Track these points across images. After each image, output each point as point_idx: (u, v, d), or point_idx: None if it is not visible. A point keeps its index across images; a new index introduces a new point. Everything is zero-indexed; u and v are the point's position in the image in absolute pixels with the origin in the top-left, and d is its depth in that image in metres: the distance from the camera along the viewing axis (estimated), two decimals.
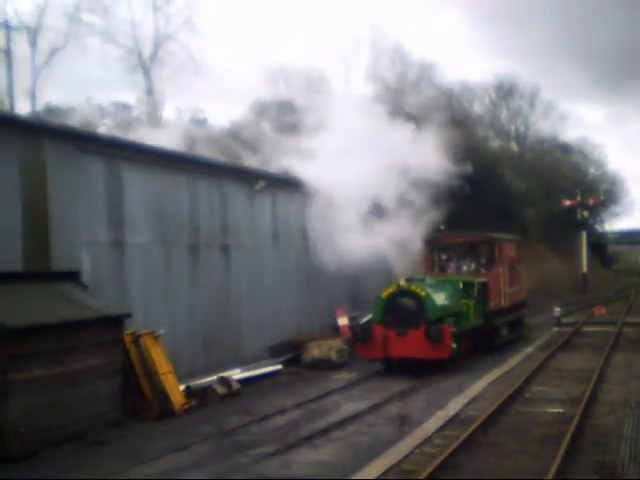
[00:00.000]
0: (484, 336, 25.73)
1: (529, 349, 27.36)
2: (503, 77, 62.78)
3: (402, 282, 22.65)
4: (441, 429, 15.31)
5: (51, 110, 43.56)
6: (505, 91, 63.92)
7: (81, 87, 70.21)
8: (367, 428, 15.72)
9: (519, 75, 69.86)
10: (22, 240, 15.35)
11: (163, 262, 19.76)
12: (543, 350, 26.64)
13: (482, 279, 25.84)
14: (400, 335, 21.73)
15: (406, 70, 47.56)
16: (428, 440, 14.45)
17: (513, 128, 66.78)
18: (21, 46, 45.59)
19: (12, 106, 43.55)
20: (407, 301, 22.21)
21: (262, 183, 24.26)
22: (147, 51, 47.88)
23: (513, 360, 24.61)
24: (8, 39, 45.87)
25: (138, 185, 18.74)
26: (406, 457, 13.31)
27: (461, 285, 24.84)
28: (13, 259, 15.16)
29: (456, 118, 52.23)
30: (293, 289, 26.18)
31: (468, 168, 30.85)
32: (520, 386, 19.29)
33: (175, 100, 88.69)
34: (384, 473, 12.30)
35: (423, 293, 22.21)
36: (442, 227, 28.75)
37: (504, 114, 65.90)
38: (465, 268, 27.24)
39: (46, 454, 14.09)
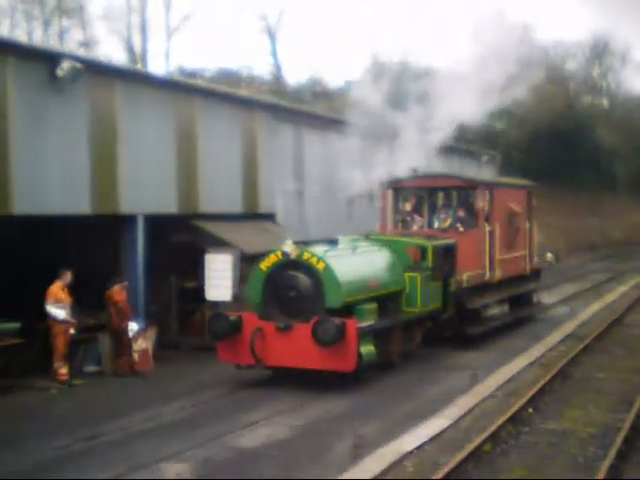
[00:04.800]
0: (448, 325, 18.67)
1: (623, 288, 31.39)
2: (598, 35, 65.43)
3: (288, 247, 14.89)
4: None
5: (183, 72, 48.45)
6: (599, 49, 66.61)
7: (211, 50, 75.48)
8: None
9: (613, 33, 71.98)
10: (242, 189, 20.19)
11: (328, 207, 24.43)
12: (636, 289, 30.69)
13: (446, 240, 18.62)
14: (281, 331, 14.48)
15: (507, 33, 50.76)
16: None
17: (605, 85, 69.54)
18: (156, 11, 50.56)
19: (145, 66, 48.58)
20: (297, 278, 14.78)
21: None
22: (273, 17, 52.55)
23: (611, 296, 28.78)
24: (144, 3, 50.92)
25: (314, 146, 23.37)
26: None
27: (409, 250, 17.18)
28: (236, 203, 20.02)
29: (552, 77, 55.63)
30: None
31: None
32: (620, 315, 23.54)
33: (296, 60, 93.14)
34: (529, 364, 16.80)
35: (321, 265, 14.62)
36: (414, 169, 20.80)
37: (596, 71, 68.62)
38: (437, 224, 20.12)
39: None
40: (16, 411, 13.39)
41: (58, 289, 14.86)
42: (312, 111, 24.04)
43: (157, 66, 50.16)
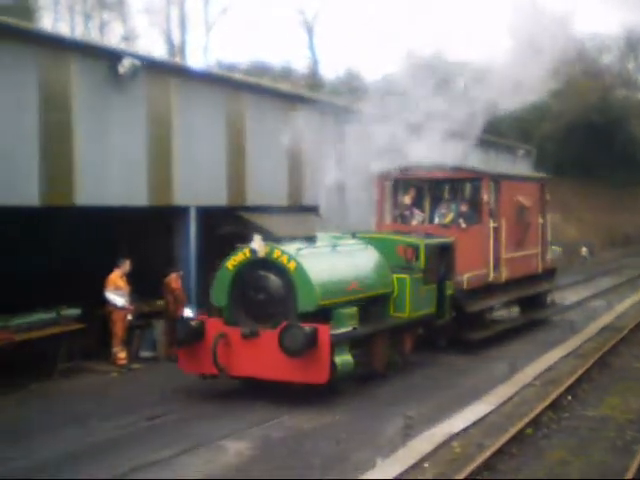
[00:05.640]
0: (443, 331, 17.14)
1: None
2: (630, 29, 65.20)
3: (257, 243, 13.39)
4: None
5: (221, 66, 49.13)
6: (633, 42, 66.46)
7: (248, 44, 76.23)
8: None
9: None
10: (288, 184, 20.94)
11: (367, 199, 24.96)
12: None
13: (442, 239, 17.04)
14: (247, 337, 13.12)
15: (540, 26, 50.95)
16: None
17: None
18: (195, 4, 51.32)
19: (184, 60, 49.34)
20: (266, 278, 13.37)
21: None
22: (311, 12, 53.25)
23: None
24: None
25: (354, 139, 23.86)
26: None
27: (399, 249, 15.68)
28: (281, 196, 20.75)
29: (587, 71, 55.63)
30: None
31: None
32: None
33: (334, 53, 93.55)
34: (567, 355, 17.29)
35: (292, 265, 13.23)
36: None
37: (632, 64, 68.48)
38: (437, 220, 19.00)
39: None
40: (80, 393, 14.14)
41: (117, 277, 15.62)
42: (352, 104, 24.53)
43: (196, 59, 51.05)
